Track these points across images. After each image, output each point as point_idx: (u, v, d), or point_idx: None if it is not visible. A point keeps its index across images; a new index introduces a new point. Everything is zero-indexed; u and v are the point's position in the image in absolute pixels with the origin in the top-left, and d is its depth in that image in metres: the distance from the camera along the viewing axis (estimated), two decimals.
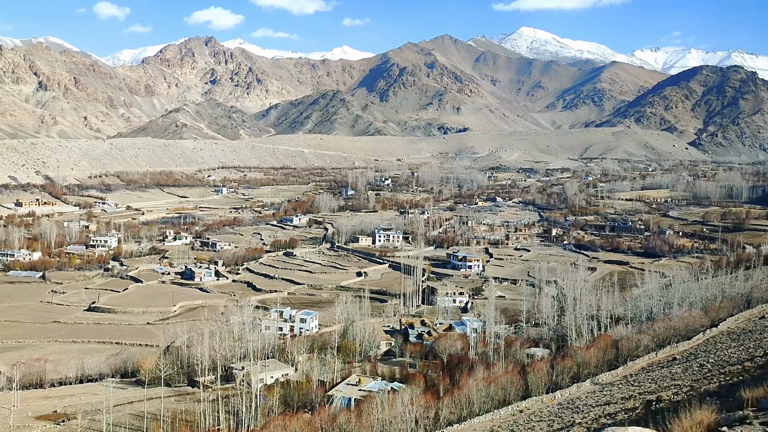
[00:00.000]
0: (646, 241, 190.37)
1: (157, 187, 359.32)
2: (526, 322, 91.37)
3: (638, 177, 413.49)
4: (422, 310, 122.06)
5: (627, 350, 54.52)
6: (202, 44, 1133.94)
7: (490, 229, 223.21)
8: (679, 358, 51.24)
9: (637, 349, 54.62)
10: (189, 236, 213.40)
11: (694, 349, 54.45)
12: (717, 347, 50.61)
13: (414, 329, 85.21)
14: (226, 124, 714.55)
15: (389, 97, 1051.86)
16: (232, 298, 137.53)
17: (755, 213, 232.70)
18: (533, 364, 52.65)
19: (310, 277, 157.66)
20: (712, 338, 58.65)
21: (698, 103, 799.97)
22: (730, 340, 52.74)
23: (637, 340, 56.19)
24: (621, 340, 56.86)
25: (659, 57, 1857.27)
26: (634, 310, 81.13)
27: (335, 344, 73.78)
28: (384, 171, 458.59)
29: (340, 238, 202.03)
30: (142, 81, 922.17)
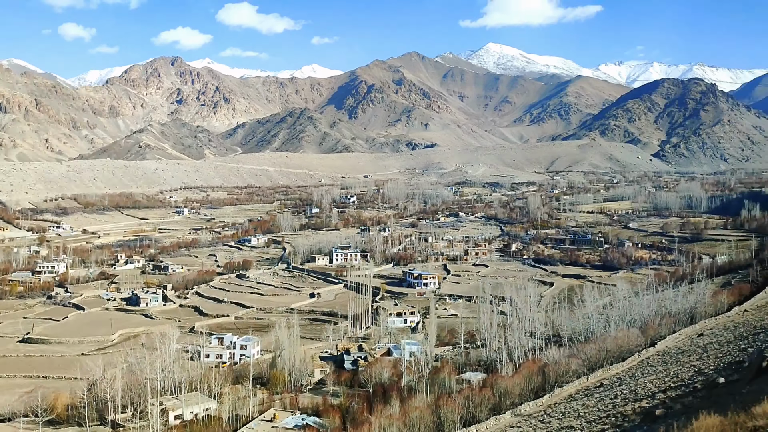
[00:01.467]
0: (605, 254, 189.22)
1: (117, 209, 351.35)
2: (470, 343, 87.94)
3: (603, 189, 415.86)
4: (370, 332, 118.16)
5: (555, 376, 51.42)
6: (168, 64, 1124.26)
7: (450, 245, 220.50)
8: (606, 383, 48.17)
9: (565, 374, 51.54)
10: (141, 260, 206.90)
11: (625, 373, 51.48)
12: (644, 371, 47.68)
13: (350, 355, 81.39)
14: (192, 143, 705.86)
15: (358, 114, 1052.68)
16: (176, 325, 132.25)
17: (713, 223, 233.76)
18: (443, 396, 49.24)
19: (260, 299, 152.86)
20: (646, 359, 55.82)
21: (661, 115, 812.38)
22: (662, 363, 49.88)
23: (566, 364, 53.15)
24: (548, 366, 53.83)
25: (623, 71, 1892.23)
26: (572, 330, 78.25)
27: (250, 375, 69.38)
28: (350, 188, 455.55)
29: (296, 258, 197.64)
30: (106, 102, 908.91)
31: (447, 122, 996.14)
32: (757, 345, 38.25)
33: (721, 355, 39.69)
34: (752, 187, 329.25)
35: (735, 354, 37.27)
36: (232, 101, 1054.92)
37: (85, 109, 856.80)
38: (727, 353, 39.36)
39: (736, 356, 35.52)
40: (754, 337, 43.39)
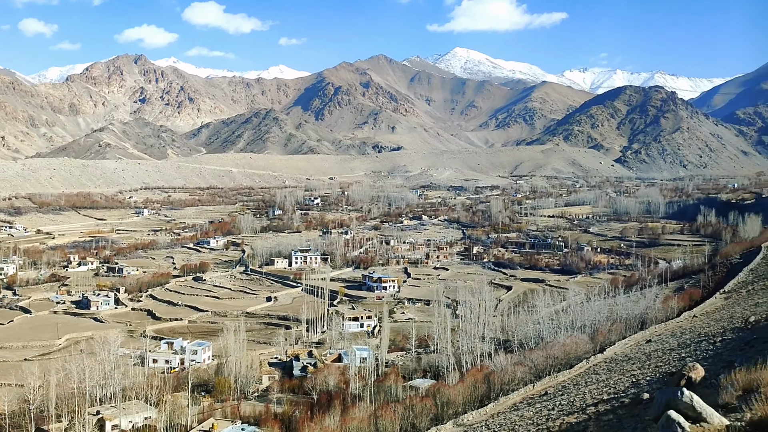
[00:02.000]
0: (564, 258, 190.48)
1: (73, 209, 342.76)
2: (423, 348, 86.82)
3: (565, 193, 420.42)
4: (325, 337, 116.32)
5: (500, 384, 50.50)
6: (131, 62, 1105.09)
7: (411, 248, 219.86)
8: (551, 392, 47.32)
9: (510, 382, 50.65)
10: (95, 261, 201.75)
11: (571, 381, 50.73)
12: (588, 380, 46.96)
13: (299, 361, 79.52)
14: (154, 143, 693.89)
15: (324, 116, 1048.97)
16: (127, 328, 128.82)
17: (670, 228, 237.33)
18: (384, 406, 47.94)
19: (216, 303, 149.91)
20: (593, 366, 55.21)
21: (623, 122, 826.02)
22: (606, 371, 49.25)
23: (512, 372, 52.27)
24: (493, 373, 52.91)
25: (587, 77, 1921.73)
26: (523, 335, 77.65)
27: (189, 382, 67.06)
28: (314, 190, 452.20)
29: (255, 260, 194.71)
30: (66, 99, 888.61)
31: (414, 125, 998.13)
32: (696, 354, 37.78)
33: (661, 363, 39.11)
34: (709, 193, 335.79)
35: (674, 363, 36.68)
36: (197, 101, 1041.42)
37: (44, 107, 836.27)
38: (667, 362, 38.80)
39: (674, 365, 34.90)
40: (696, 345, 42.98)
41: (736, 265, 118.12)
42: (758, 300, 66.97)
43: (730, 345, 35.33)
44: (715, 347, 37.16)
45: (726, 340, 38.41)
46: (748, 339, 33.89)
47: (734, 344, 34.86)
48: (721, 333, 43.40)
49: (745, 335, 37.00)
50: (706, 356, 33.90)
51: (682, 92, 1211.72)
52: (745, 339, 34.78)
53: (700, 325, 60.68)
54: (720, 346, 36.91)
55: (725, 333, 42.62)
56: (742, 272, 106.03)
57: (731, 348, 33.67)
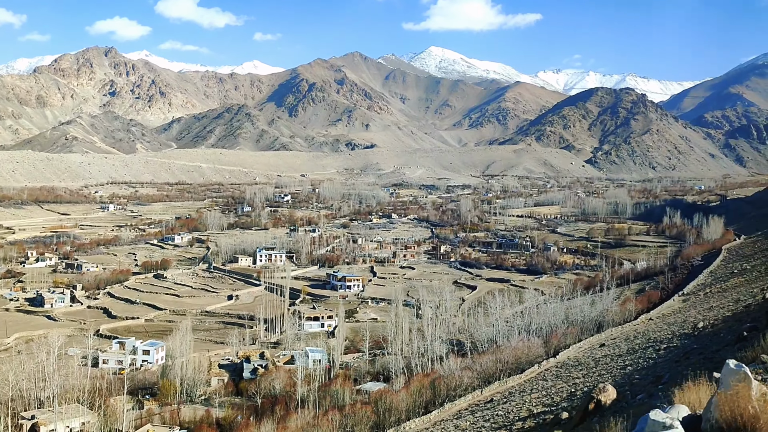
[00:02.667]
0: (531, 258, 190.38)
1: (36, 203, 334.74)
2: (380, 350, 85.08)
3: (536, 193, 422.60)
4: (284, 337, 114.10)
5: (446, 390, 48.96)
6: (101, 54, 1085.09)
7: (379, 246, 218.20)
8: (497, 398, 45.91)
9: (457, 388, 49.14)
10: (54, 257, 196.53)
11: (518, 387, 49.40)
12: (534, 387, 45.65)
13: (250, 363, 77.28)
14: (123, 137, 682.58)
15: (298, 112, 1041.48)
16: (80, 327, 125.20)
17: (637, 229, 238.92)
18: (324, 414, 46.12)
19: (175, 301, 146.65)
20: (544, 372, 53.98)
21: (594, 123, 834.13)
22: (554, 377, 47.99)
23: (459, 377, 50.78)
24: (439, 379, 51.37)
25: (561, 78, 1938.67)
26: (478, 338, 76.33)
27: (125, 387, 64.44)
28: (285, 187, 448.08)
29: (219, 258, 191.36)
30: (33, 91, 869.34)
31: (388, 123, 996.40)
32: (638, 363, 36.61)
33: (604, 372, 37.92)
34: (675, 194, 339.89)
35: (616, 371, 35.46)
36: (169, 95, 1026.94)
37: (10, 98, 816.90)
38: (610, 370, 37.60)
39: (616, 374, 33.67)
40: (642, 352, 41.90)
41: (697, 267, 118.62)
42: (713, 303, 66.47)
43: (671, 354, 34.22)
44: (657, 355, 36.04)
45: (670, 348, 37.33)
46: (689, 348, 32.80)
47: (674, 354, 33.75)
48: (669, 339, 42.37)
49: (689, 343, 35.97)
50: (643, 367, 32.73)
51: (652, 95, 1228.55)
52: (687, 348, 33.70)
53: (653, 329, 59.87)
54: (662, 354, 35.81)
55: (672, 339, 41.60)
56: (702, 274, 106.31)
57: (670, 358, 32.54)
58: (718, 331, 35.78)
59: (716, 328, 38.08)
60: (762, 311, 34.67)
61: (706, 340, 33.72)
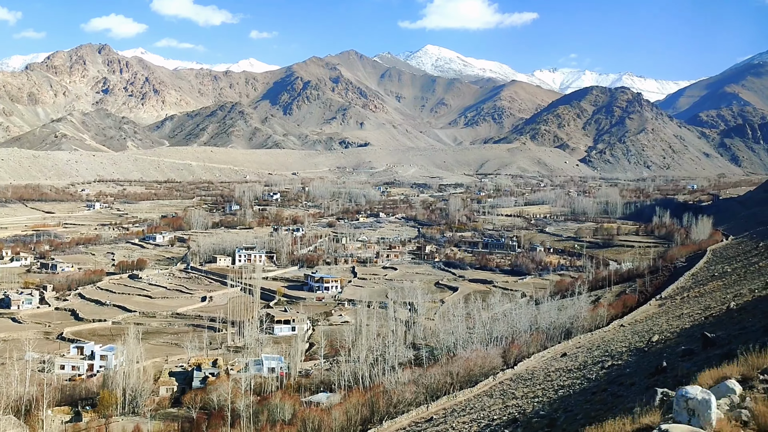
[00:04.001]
0: (515, 259, 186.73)
1: (21, 201, 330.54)
2: (344, 356, 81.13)
3: (529, 192, 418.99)
4: (256, 341, 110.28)
5: (386, 406, 45.21)
6: (94, 51, 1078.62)
7: (363, 246, 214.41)
8: (436, 417, 42.12)
9: (398, 404, 45.41)
10: (30, 257, 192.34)
11: (465, 404, 45.60)
12: (477, 405, 41.86)
13: (200, 371, 73.42)
14: (115, 135, 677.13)
15: (293, 110, 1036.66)
16: (44, 330, 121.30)
17: (626, 229, 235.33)
18: None
19: (147, 303, 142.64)
20: (498, 385, 50.19)
21: (589, 122, 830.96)
22: (501, 393, 44.22)
23: (400, 392, 47.04)
24: (377, 394, 47.56)
25: (557, 77, 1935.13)
26: (437, 345, 72.56)
27: (44, 396, 60.42)
28: (275, 185, 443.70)
29: (198, 258, 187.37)
30: (25, 88, 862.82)
31: (382, 122, 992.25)
32: (579, 383, 32.92)
33: (540, 394, 34.23)
34: (667, 194, 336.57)
35: (551, 393, 31.75)
36: (162, 93, 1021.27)
37: (2, 96, 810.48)
38: (548, 389, 33.93)
39: (547, 399, 29.98)
40: (590, 368, 38.24)
41: (680, 269, 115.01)
42: (684, 310, 62.78)
43: (608, 376, 30.58)
44: (596, 376, 32.41)
45: (613, 366, 33.72)
46: (622, 371, 29.17)
47: (610, 375, 30.12)
48: (620, 354, 38.74)
49: (631, 361, 32.39)
50: (572, 392, 28.99)
51: (649, 94, 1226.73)
52: (623, 369, 30.12)
53: (616, 338, 56.17)
54: (602, 375, 32.19)
55: (622, 355, 37.98)
56: (683, 277, 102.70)
57: (599, 383, 28.89)
58: (665, 349, 32.19)
59: (667, 343, 34.45)
60: (716, 325, 30.96)
61: (645, 362, 30.09)
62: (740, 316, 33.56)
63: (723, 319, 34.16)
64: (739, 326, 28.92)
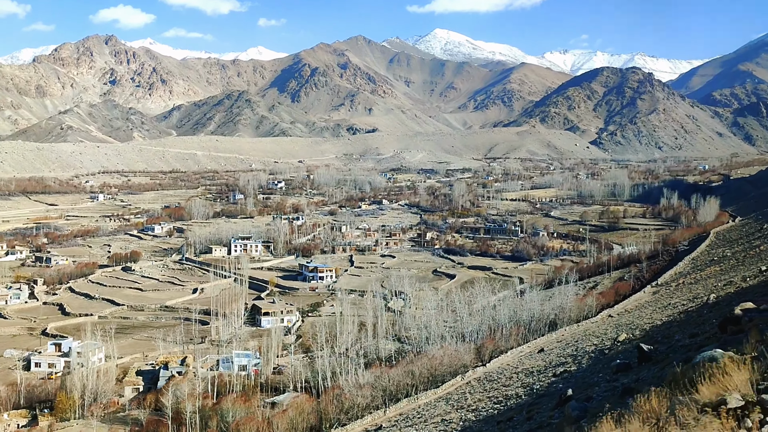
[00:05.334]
0: (517, 244, 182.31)
1: (24, 194, 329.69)
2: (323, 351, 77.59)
3: (537, 176, 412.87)
4: (241, 334, 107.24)
5: (336, 413, 41.65)
6: (101, 43, 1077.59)
7: (364, 234, 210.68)
8: (386, 425, 38.46)
9: (349, 410, 41.84)
10: (25, 250, 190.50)
11: (423, 407, 41.88)
12: (434, 411, 38.06)
13: (167, 370, 70.35)
14: (122, 126, 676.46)
15: (301, 97, 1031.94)
16: (28, 326, 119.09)
17: (633, 211, 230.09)
18: None
19: (137, 296, 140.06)
20: (464, 385, 46.41)
21: (599, 103, 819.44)
22: (461, 397, 40.42)
23: (352, 397, 43.44)
24: (327, 400, 44.06)
25: (568, 59, 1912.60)
26: (409, 341, 68.76)
27: (15, 400, 57.35)
28: (280, 173, 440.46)
29: (192, 248, 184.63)
30: (32, 81, 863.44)
31: (391, 107, 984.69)
32: (538, 385, 29.08)
33: (490, 404, 30.39)
34: (677, 175, 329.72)
35: (499, 403, 27.94)
36: (170, 83, 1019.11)
37: (10, 89, 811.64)
38: (500, 396, 30.11)
39: (486, 414, 26.17)
40: (555, 369, 34.40)
41: (681, 253, 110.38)
42: (673, 300, 58.56)
43: (548, 388, 26.70)
44: (548, 383, 28.54)
45: (565, 374, 29.80)
46: (558, 385, 25.20)
47: (549, 389, 26.25)
48: (582, 357, 34.80)
49: (583, 368, 28.50)
50: (495, 413, 25.14)
51: (661, 74, 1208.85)
52: (566, 380, 26.20)
53: (598, 331, 52.19)
54: (553, 382, 28.32)
55: (584, 357, 34.04)
56: (683, 262, 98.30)
57: (522, 404, 25.00)
58: (622, 353, 28.26)
59: (630, 344, 30.42)
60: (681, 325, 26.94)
61: (590, 372, 26.18)
62: (709, 314, 29.56)
63: (691, 317, 30.20)
64: (694, 330, 25.01)
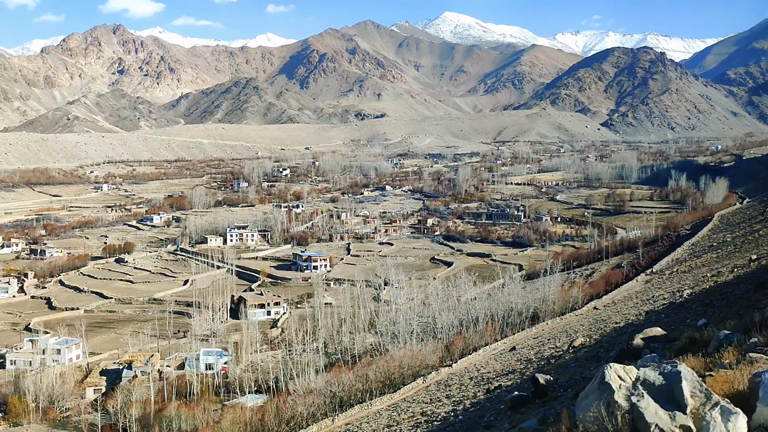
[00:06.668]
0: (518, 230, 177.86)
1: (28, 186, 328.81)
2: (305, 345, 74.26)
3: (547, 159, 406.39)
4: (223, 327, 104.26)
5: (276, 423, 38.17)
6: (109, 32, 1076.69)
7: (364, 221, 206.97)
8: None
9: (291, 421, 38.36)
10: (21, 243, 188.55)
11: (376, 414, 38.21)
12: (383, 420, 34.39)
13: (131, 370, 67.36)
14: (129, 115, 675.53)
15: (309, 84, 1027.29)
16: (12, 321, 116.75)
17: (639, 194, 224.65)
18: None
19: (127, 288, 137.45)
20: (424, 389, 42.71)
21: (610, 84, 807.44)
22: (410, 403, 36.74)
23: (293, 407, 39.91)
24: (264, 410, 40.57)
25: (579, 40, 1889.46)
26: (383, 337, 65.05)
27: None
28: (286, 161, 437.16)
29: (187, 238, 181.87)
30: (41, 72, 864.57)
31: (400, 92, 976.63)
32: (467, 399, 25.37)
33: (432, 415, 26.69)
34: (688, 155, 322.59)
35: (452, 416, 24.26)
36: (178, 71, 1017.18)
37: (18, 80, 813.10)
38: (445, 417, 26.38)
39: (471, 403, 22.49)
40: (511, 375, 30.50)
41: (681, 238, 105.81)
42: (661, 290, 54.36)
43: (485, 404, 22.95)
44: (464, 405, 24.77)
45: (492, 393, 25.97)
46: (474, 412, 21.37)
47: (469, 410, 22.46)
48: (530, 364, 30.97)
49: (517, 383, 24.70)
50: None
51: (675, 53, 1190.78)
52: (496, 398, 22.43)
53: (573, 327, 48.21)
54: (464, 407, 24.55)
55: (530, 365, 30.21)
56: (681, 247, 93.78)
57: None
58: (567, 364, 24.46)
59: (582, 353, 26.55)
60: (632, 333, 23.04)
61: (500, 399, 22.40)
62: (667, 318, 25.74)
63: (643, 324, 26.34)
64: (621, 345, 21.14)
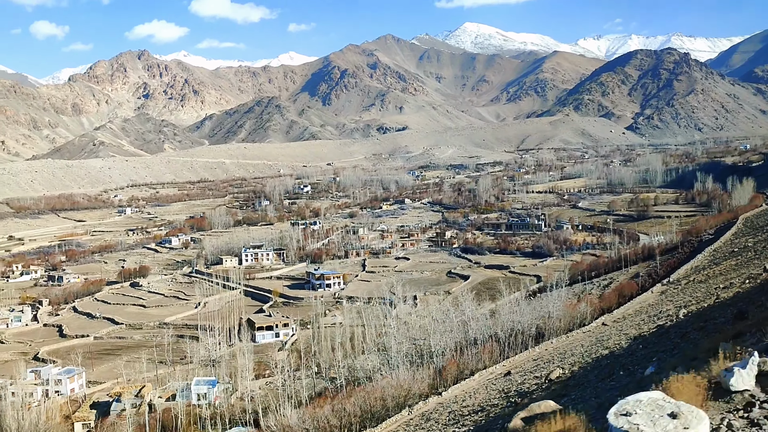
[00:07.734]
0: (538, 240, 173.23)
1: (53, 212, 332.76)
2: (312, 370, 71.35)
3: (571, 165, 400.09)
4: (234, 350, 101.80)
5: None
6: (134, 58, 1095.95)
7: (380, 236, 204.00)
8: None
9: None
10: (40, 270, 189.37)
11: None
12: None
13: (120, 402, 65.15)
14: (154, 138, 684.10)
15: (332, 100, 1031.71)
16: (23, 350, 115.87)
17: (664, 198, 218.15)
18: None
19: (139, 313, 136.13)
20: (402, 425, 39.42)
21: (634, 87, 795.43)
22: None
23: None
24: None
25: (602, 45, 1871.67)
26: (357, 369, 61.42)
27: None
28: (307, 177, 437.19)
29: (203, 260, 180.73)
30: (68, 100, 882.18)
31: (422, 104, 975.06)
32: None
33: None
34: (715, 156, 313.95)
35: None
36: (202, 93, 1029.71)
37: (47, 108, 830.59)
38: None
39: None
40: (478, 413, 27.16)
41: (703, 243, 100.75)
42: (672, 305, 50.29)
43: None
44: None
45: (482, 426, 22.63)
46: None
47: None
48: (522, 394, 27.54)
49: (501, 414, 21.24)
50: None
51: (700, 53, 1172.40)
52: None
53: (572, 350, 44.50)
54: None
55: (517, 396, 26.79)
56: (702, 254, 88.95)
57: None
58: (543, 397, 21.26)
59: (558, 383, 23.24)
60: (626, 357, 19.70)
61: None
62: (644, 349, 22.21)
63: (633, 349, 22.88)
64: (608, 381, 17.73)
